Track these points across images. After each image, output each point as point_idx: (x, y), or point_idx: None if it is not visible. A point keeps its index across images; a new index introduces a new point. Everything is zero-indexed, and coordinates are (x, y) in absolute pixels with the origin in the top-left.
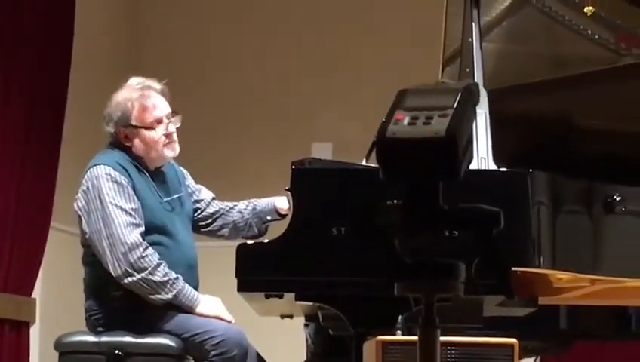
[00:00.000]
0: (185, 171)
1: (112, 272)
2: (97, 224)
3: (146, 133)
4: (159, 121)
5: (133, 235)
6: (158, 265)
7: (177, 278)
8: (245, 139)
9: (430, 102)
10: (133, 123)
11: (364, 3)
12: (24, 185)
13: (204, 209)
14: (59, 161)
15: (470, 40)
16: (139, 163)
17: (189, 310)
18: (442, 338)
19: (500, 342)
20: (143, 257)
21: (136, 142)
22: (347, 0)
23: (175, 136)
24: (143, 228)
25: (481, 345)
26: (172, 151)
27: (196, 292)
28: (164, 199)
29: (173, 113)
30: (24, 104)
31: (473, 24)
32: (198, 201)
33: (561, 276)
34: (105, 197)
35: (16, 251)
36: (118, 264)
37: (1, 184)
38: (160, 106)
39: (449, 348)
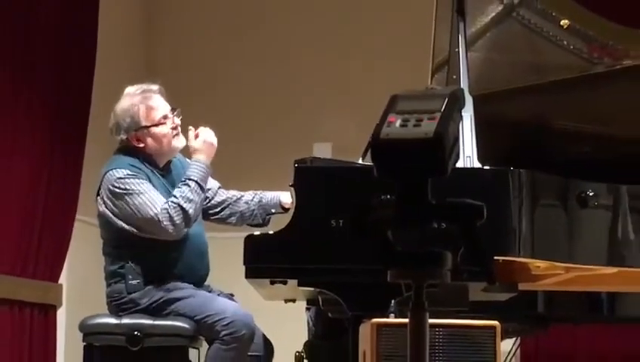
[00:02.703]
0: (187, 160)
1: (167, 238)
2: (130, 214)
3: (157, 130)
4: (165, 117)
5: (157, 207)
6: (179, 206)
7: (189, 191)
8: (251, 139)
9: (420, 106)
10: (143, 124)
11: (363, 14)
12: (52, 182)
13: (213, 197)
14: (83, 160)
15: (457, 50)
16: (149, 163)
17: (208, 171)
18: (431, 321)
19: (483, 324)
20: (172, 215)
21: (149, 141)
22: (348, 10)
23: (179, 129)
24: (162, 199)
25: (466, 327)
26: (180, 142)
27: (197, 169)
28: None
29: (173, 109)
30: (52, 110)
31: (460, 35)
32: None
33: (539, 264)
34: (126, 191)
35: (45, 241)
36: (167, 232)
37: (32, 181)
38: (162, 104)
39: (437, 329)
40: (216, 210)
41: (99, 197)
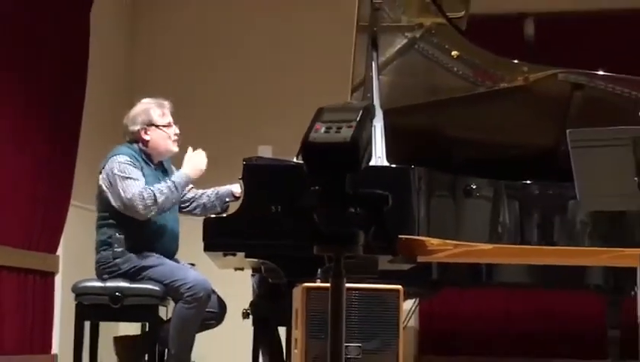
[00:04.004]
0: (174, 168)
1: (139, 218)
2: (117, 193)
3: (163, 130)
4: (170, 124)
5: (135, 190)
6: (153, 194)
7: (166, 187)
8: (207, 143)
9: (340, 117)
10: (155, 121)
11: (298, 44)
12: (52, 174)
13: (185, 194)
14: (77, 157)
15: (371, 74)
16: (147, 156)
17: (188, 181)
18: (348, 285)
19: (389, 288)
20: (145, 198)
21: (154, 137)
22: (286, 41)
23: (177, 138)
24: (143, 185)
25: (376, 290)
26: (174, 148)
27: (180, 176)
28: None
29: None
30: (51, 114)
31: (373, 62)
32: None
33: (433, 241)
34: (121, 175)
35: (45, 221)
36: (137, 212)
37: (35, 173)
38: (170, 115)
39: (353, 292)
40: (186, 204)
41: (100, 175)
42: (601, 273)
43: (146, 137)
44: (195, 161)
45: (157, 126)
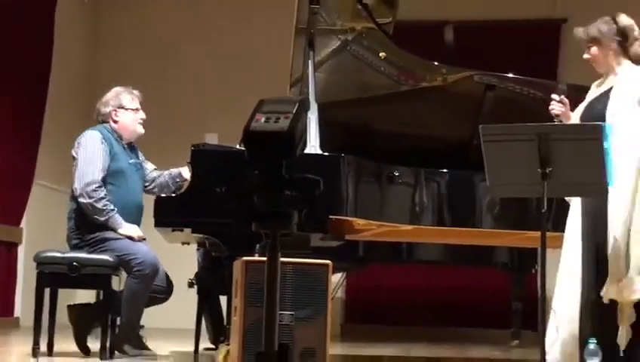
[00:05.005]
0: (141, 153)
1: (75, 193)
2: (78, 162)
3: (130, 114)
4: (138, 109)
5: (94, 175)
6: (102, 198)
7: (113, 210)
8: (159, 130)
9: (279, 108)
10: (124, 105)
11: (244, 44)
12: (17, 153)
13: (147, 175)
14: (40, 138)
15: (307, 71)
16: (118, 136)
17: (116, 229)
18: (282, 259)
19: (320, 262)
20: (94, 190)
21: (123, 118)
22: (232, 41)
23: (142, 122)
24: (103, 174)
25: (307, 264)
26: (141, 130)
27: (122, 221)
28: (131, 161)
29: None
30: (16, 100)
31: (310, 61)
32: (145, 169)
33: (359, 221)
34: (88, 148)
35: (10, 195)
36: (79, 188)
37: (1, 150)
38: (138, 102)
39: (287, 266)
40: (147, 183)
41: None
42: (507, 253)
43: (116, 118)
44: (133, 233)
45: (126, 109)
